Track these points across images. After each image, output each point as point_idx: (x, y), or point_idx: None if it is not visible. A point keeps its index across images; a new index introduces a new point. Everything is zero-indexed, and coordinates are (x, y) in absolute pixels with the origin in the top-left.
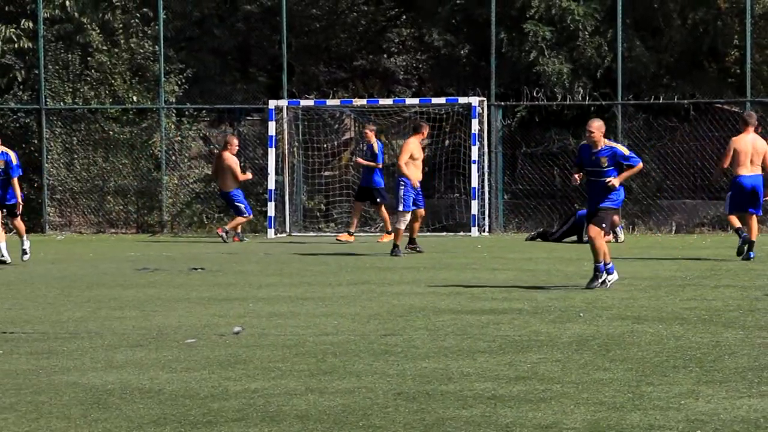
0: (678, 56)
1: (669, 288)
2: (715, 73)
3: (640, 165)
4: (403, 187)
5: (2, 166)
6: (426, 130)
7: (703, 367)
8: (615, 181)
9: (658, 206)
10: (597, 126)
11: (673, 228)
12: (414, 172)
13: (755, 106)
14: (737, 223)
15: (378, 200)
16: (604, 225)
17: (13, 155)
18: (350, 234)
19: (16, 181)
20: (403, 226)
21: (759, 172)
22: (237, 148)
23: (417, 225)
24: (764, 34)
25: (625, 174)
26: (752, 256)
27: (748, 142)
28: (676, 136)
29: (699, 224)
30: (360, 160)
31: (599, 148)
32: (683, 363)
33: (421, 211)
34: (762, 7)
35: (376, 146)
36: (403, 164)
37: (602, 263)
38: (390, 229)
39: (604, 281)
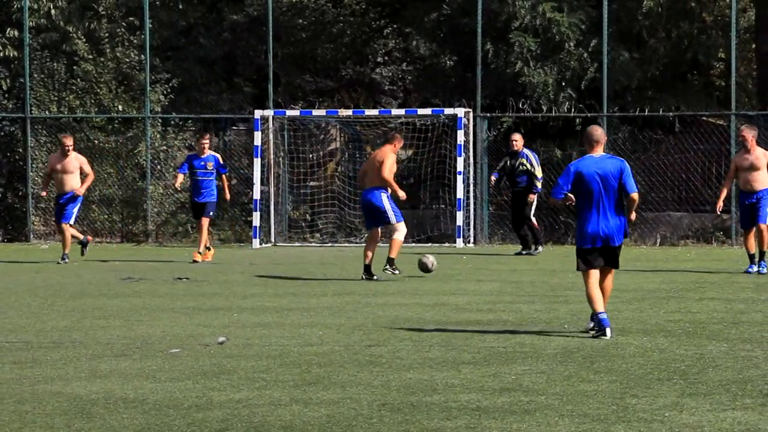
0: (663, 68)
1: (653, 300)
2: (699, 86)
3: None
4: (388, 199)
5: None
6: (399, 141)
7: (687, 379)
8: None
9: (643, 218)
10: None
11: (658, 240)
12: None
13: (739, 118)
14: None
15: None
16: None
17: None
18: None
19: None
20: (402, 237)
21: None
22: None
23: (374, 249)
24: (749, 48)
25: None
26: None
27: None
28: (661, 148)
29: (683, 237)
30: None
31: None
32: (667, 375)
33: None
34: (747, 21)
35: None
36: (392, 177)
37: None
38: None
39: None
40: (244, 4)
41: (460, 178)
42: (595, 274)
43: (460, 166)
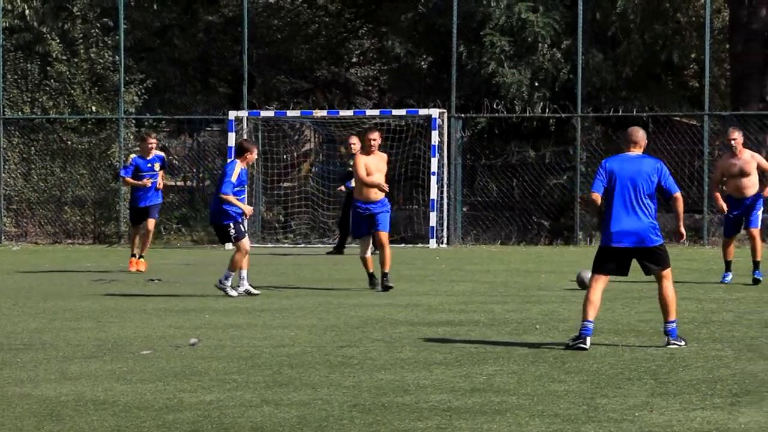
0: (637, 69)
1: (625, 300)
2: (673, 87)
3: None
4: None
5: None
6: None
7: (657, 379)
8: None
9: None
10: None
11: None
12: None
13: (713, 119)
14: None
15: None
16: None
17: None
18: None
19: None
20: (361, 253)
21: None
22: None
23: (379, 256)
24: (722, 48)
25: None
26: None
27: None
28: None
29: None
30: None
31: None
32: (638, 375)
33: (382, 235)
34: (721, 21)
35: None
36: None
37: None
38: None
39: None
40: (220, 5)
41: (434, 179)
42: (604, 282)
43: (434, 167)
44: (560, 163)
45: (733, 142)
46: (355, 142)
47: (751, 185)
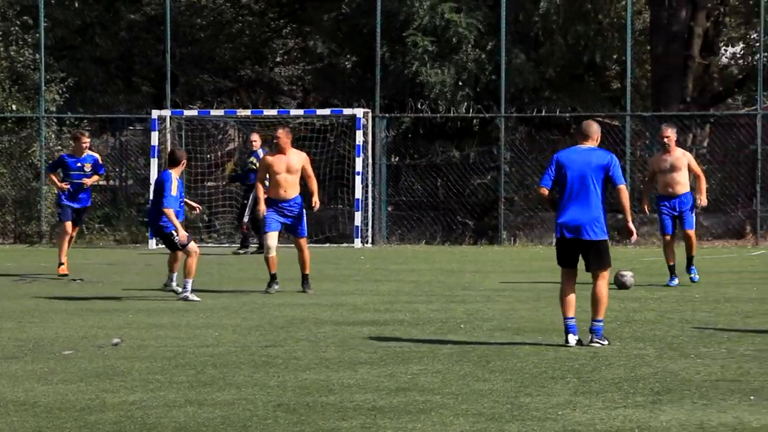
0: (559, 70)
1: (549, 299)
2: (595, 87)
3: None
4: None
5: None
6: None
7: (580, 377)
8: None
9: (540, 218)
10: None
11: (554, 240)
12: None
13: (634, 119)
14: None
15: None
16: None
17: None
18: None
19: None
20: (266, 253)
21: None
22: None
23: (298, 258)
24: (643, 50)
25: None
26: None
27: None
28: (557, 148)
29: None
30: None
31: None
32: (561, 374)
33: (300, 242)
34: (642, 23)
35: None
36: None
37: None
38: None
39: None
40: (142, 4)
41: (358, 179)
42: (568, 275)
43: (358, 167)
44: (484, 162)
45: (665, 139)
46: (257, 139)
47: (682, 182)
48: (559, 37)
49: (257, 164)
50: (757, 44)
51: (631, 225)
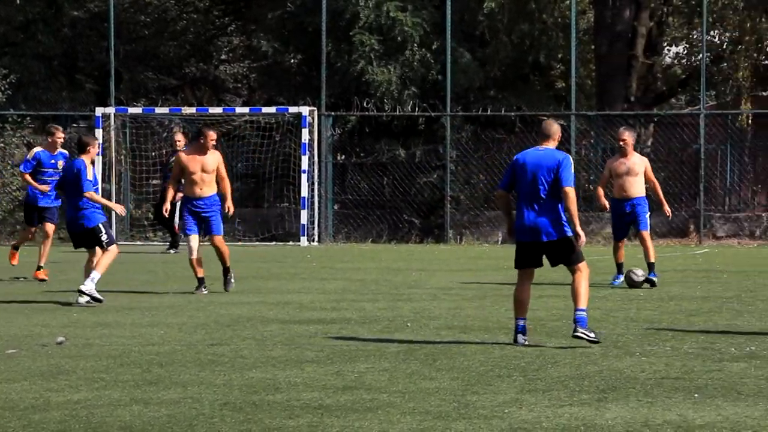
0: (504, 69)
1: (495, 298)
2: (540, 87)
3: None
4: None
5: None
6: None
7: (526, 376)
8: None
9: (486, 217)
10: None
11: (500, 238)
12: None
13: (579, 118)
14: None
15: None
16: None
17: None
18: None
19: None
20: (190, 255)
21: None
22: None
23: (217, 255)
24: (588, 49)
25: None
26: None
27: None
28: (503, 147)
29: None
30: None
31: None
32: (507, 372)
33: (216, 240)
34: (586, 22)
35: None
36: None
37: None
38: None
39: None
40: (85, 0)
41: (304, 177)
42: (525, 276)
43: (304, 165)
44: (430, 161)
45: (622, 143)
46: (180, 139)
47: (637, 186)
48: (504, 37)
49: None
50: (700, 44)
51: (578, 229)
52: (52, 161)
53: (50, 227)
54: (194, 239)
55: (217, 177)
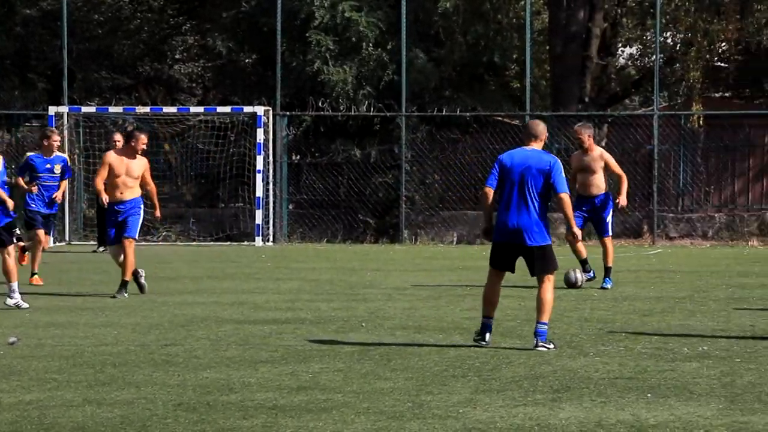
0: (460, 69)
1: (450, 298)
2: (495, 87)
3: None
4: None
5: None
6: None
7: (481, 376)
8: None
9: (441, 217)
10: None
11: (455, 239)
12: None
13: (534, 119)
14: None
15: None
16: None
17: None
18: None
19: None
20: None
21: None
22: None
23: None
24: (542, 50)
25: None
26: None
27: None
28: (458, 148)
29: (480, 235)
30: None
31: None
32: (462, 372)
33: (125, 242)
34: (541, 23)
35: None
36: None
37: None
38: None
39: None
40: None
41: (259, 177)
42: (497, 276)
43: (259, 165)
44: (385, 161)
45: (578, 140)
46: (119, 140)
47: (596, 184)
48: (460, 37)
49: None
50: (654, 45)
51: (576, 229)
52: (48, 165)
53: (45, 236)
54: (116, 248)
55: (144, 182)
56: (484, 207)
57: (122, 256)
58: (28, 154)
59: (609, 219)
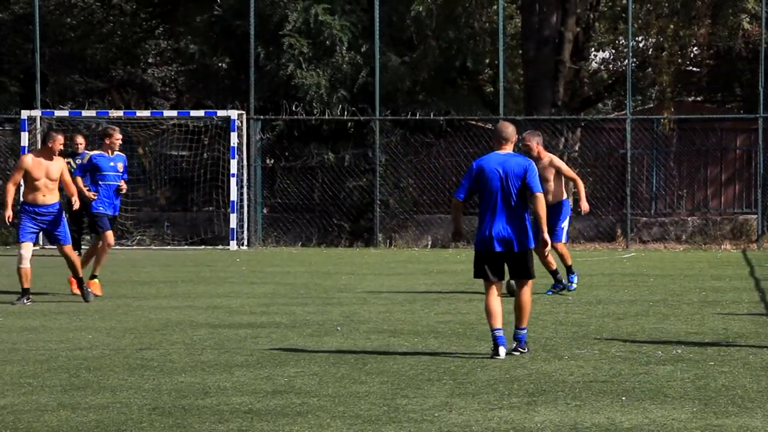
0: (433, 73)
1: (424, 302)
2: (468, 91)
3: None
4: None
5: None
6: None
7: (456, 379)
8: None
9: (415, 221)
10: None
11: (429, 243)
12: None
13: (503, 122)
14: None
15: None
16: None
17: None
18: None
19: None
20: (19, 263)
21: None
22: None
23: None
24: (515, 54)
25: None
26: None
27: None
28: (432, 151)
29: (451, 239)
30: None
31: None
32: (437, 376)
33: (65, 249)
34: (513, 27)
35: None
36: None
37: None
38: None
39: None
40: (9, 2)
41: (233, 180)
42: (495, 286)
43: (233, 168)
44: (359, 165)
45: (528, 148)
46: (82, 142)
47: (551, 191)
48: (433, 41)
49: (74, 165)
50: (626, 50)
51: (546, 236)
52: (111, 164)
53: (110, 235)
54: (28, 247)
55: (62, 182)
56: (456, 215)
57: (28, 260)
58: (91, 153)
59: (564, 225)
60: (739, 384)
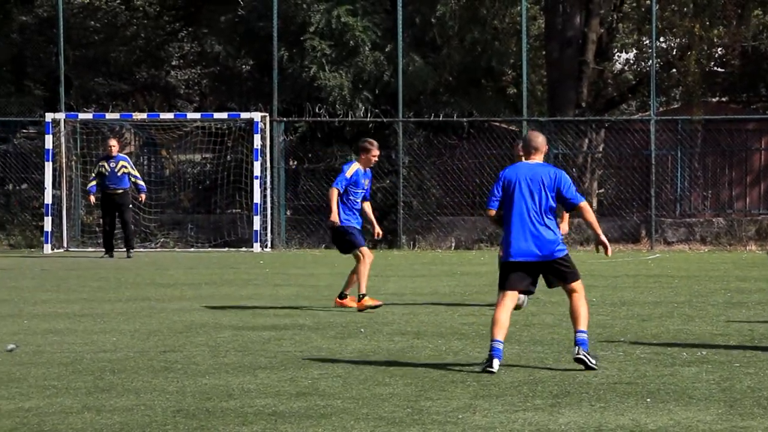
0: (457, 74)
1: (448, 304)
2: (492, 92)
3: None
4: None
5: None
6: None
7: (480, 381)
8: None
9: (439, 222)
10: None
11: (453, 244)
12: None
13: (531, 124)
14: None
15: None
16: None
17: None
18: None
19: None
20: None
21: None
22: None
23: None
24: (539, 55)
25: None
26: None
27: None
28: (455, 153)
29: (478, 240)
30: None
31: None
32: (461, 378)
33: None
34: (537, 29)
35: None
36: None
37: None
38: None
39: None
40: (34, 5)
41: (257, 183)
42: (510, 297)
43: (257, 171)
44: (382, 167)
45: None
46: (115, 144)
47: None
48: (456, 42)
49: (108, 168)
50: (650, 50)
51: (603, 238)
52: (365, 180)
53: (367, 250)
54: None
55: None
56: (499, 225)
57: None
58: (356, 166)
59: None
60: (765, 386)
